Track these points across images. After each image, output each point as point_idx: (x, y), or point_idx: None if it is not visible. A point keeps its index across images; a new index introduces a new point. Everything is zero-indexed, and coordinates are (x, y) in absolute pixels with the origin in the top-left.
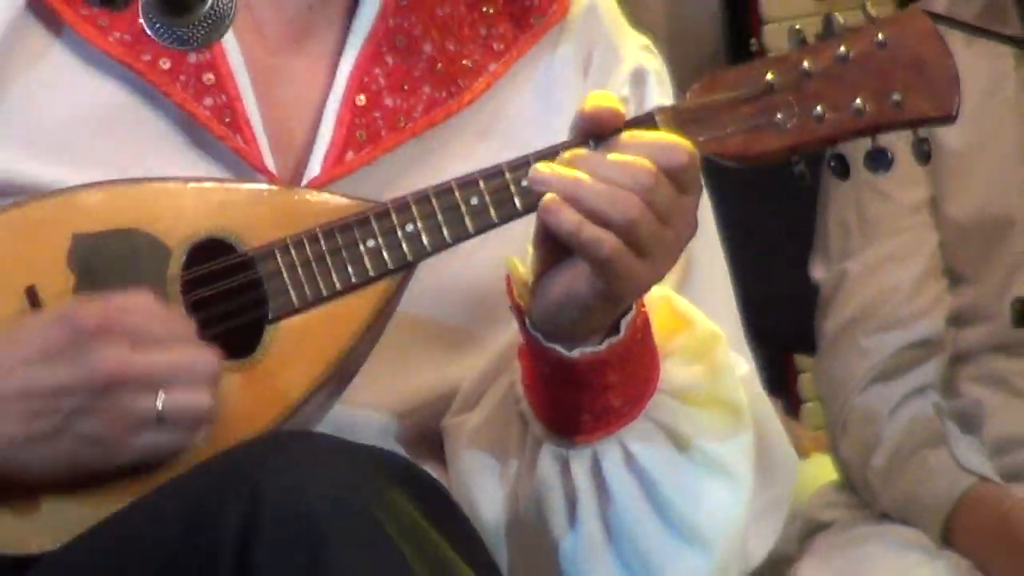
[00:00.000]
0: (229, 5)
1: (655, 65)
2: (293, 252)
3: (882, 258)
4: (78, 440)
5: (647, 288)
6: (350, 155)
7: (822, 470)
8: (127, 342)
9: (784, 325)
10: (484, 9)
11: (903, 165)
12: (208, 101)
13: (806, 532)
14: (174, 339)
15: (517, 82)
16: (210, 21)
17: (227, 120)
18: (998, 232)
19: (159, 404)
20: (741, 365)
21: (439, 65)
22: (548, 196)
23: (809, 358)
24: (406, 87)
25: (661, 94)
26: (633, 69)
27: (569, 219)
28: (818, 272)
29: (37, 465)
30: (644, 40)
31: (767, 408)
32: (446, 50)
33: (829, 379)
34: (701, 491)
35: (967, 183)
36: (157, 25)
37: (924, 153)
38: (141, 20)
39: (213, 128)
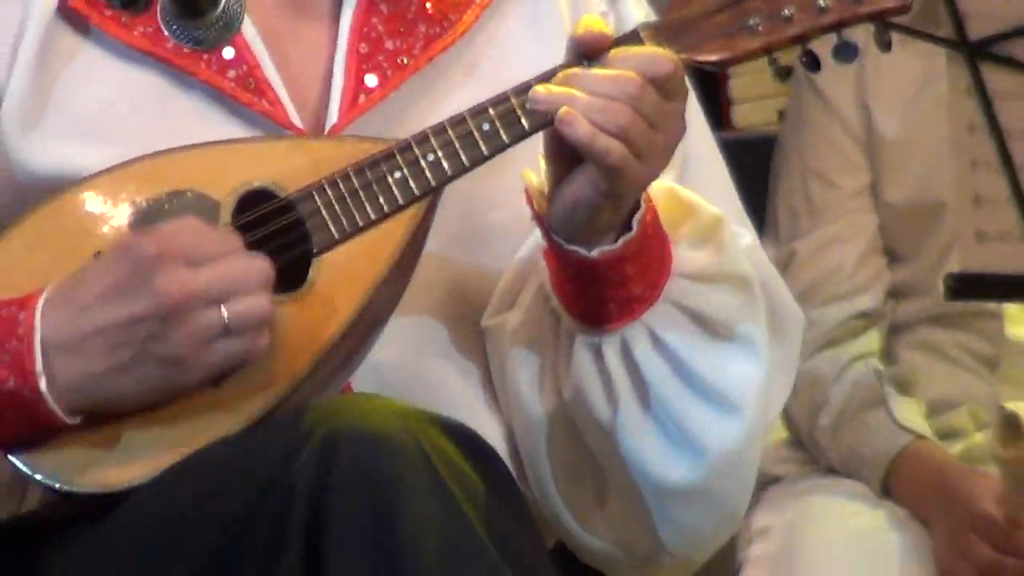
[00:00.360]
0: (238, 8)
1: None
2: (329, 191)
3: (827, 239)
4: (157, 363)
5: (644, 186)
6: (362, 98)
7: (773, 429)
8: (183, 263)
9: None
10: None
11: (846, 155)
12: (231, 73)
13: (759, 485)
14: (225, 253)
15: (503, 10)
16: (221, 23)
17: (251, 87)
18: (931, 215)
19: (224, 315)
20: (744, 237)
21: (428, 4)
22: (563, 109)
23: None
24: (402, 29)
25: (634, 6)
26: None
27: (585, 129)
28: (769, 251)
29: (125, 393)
30: None
31: (772, 271)
32: None
33: None
34: (725, 361)
35: (903, 171)
36: (174, 27)
37: (885, 42)
38: (159, 22)
39: (240, 97)
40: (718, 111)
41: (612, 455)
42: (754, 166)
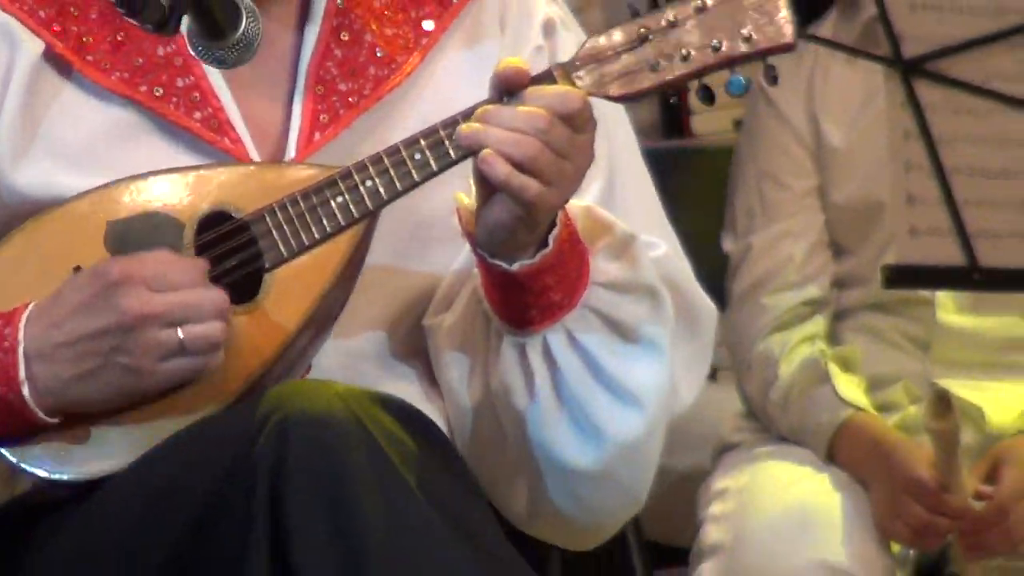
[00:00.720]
0: (255, 32)
1: (560, 13)
2: (279, 213)
3: (779, 234)
4: (119, 372)
5: (555, 210)
6: (317, 135)
7: (731, 402)
8: (146, 287)
9: (703, 286)
10: None
11: (796, 160)
12: (197, 115)
13: (718, 451)
14: (186, 283)
15: (445, 50)
16: (241, 45)
17: (215, 127)
18: (872, 214)
19: (180, 335)
20: (660, 248)
21: (378, 49)
22: (485, 151)
23: (721, 312)
24: (355, 72)
25: (568, 38)
26: (543, 21)
27: (502, 170)
28: (728, 245)
29: (90, 397)
30: None
31: (688, 276)
32: (384, 35)
33: (736, 330)
34: (632, 361)
35: (848, 175)
36: (199, 47)
37: (773, 78)
38: (187, 44)
39: (204, 136)
40: (679, 120)
41: (527, 440)
42: (711, 170)
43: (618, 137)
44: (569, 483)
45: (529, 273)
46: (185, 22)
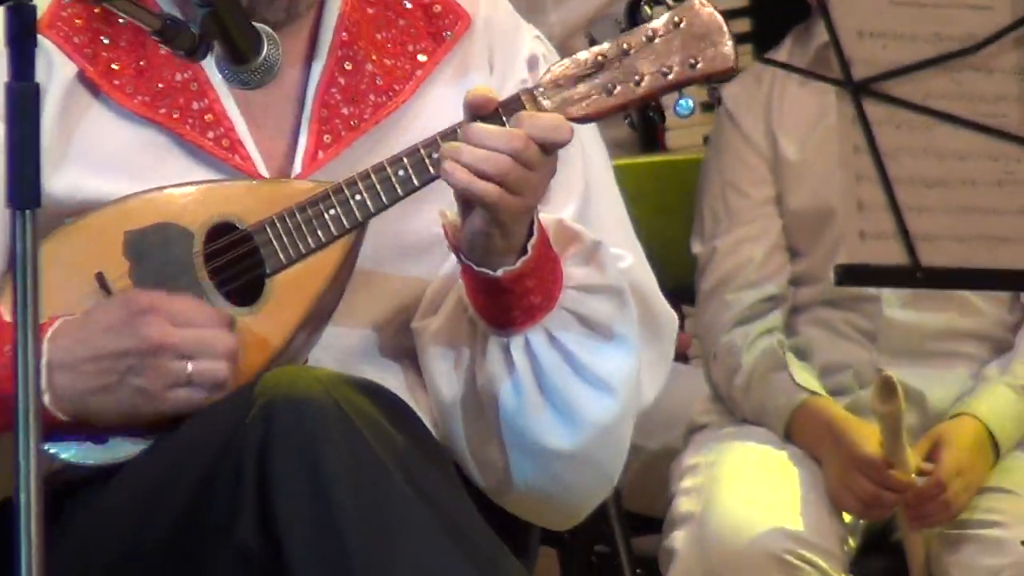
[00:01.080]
0: (276, 56)
1: (543, 49)
2: (278, 225)
3: (741, 238)
4: (131, 391)
5: (523, 215)
6: (320, 154)
7: (700, 388)
8: (169, 321)
9: (675, 284)
10: (411, 31)
11: (756, 171)
12: (210, 134)
13: (688, 432)
14: (204, 323)
15: (437, 82)
16: (263, 68)
17: (226, 146)
18: (824, 219)
19: (189, 368)
20: (626, 259)
21: (378, 78)
22: (445, 163)
23: (691, 307)
24: (356, 98)
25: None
26: (527, 57)
27: (460, 176)
28: (696, 248)
29: (103, 410)
30: (535, 31)
31: (652, 286)
32: (383, 65)
33: (703, 324)
34: (604, 354)
35: (802, 184)
36: (226, 72)
37: (717, 99)
38: (216, 66)
39: (217, 153)
40: (655, 136)
41: (512, 427)
42: (683, 181)
43: (594, 159)
44: (550, 464)
45: (511, 278)
46: (215, 49)
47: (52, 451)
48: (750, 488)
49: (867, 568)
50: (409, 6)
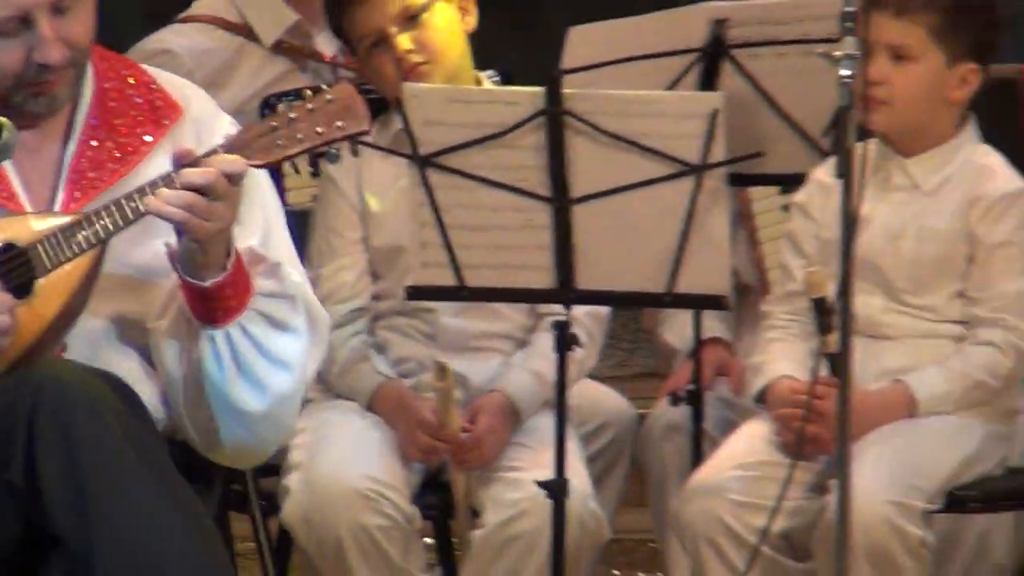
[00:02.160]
0: (12, 141)
1: (235, 129)
2: (46, 243)
3: (339, 267)
4: None
5: (217, 235)
6: (72, 205)
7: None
8: None
9: None
10: (139, 118)
11: (349, 219)
12: None
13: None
14: None
15: (158, 154)
16: (2, 149)
17: (6, 196)
18: (398, 253)
19: None
20: (295, 275)
21: (116, 152)
22: (151, 201)
23: None
24: (99, 166)
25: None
26: (224, 134)
27: (152, 203)
28: (309, 272)
29: None
30: (230, 118)
31: (312, 296)
32: (119, 143)
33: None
34: (284, 341)
35: (382, 229)
36: None
37: (355, 150)
38: None
39: (1, 202)
40: (282, 195)
41: (217, 395)
42: (302, 226)
43: (269, 201)
44: (246, 422)
45: (215, 287)
46: None
47: None
48: (343, 444)
49: (426, 500)
50: (139, 101)
